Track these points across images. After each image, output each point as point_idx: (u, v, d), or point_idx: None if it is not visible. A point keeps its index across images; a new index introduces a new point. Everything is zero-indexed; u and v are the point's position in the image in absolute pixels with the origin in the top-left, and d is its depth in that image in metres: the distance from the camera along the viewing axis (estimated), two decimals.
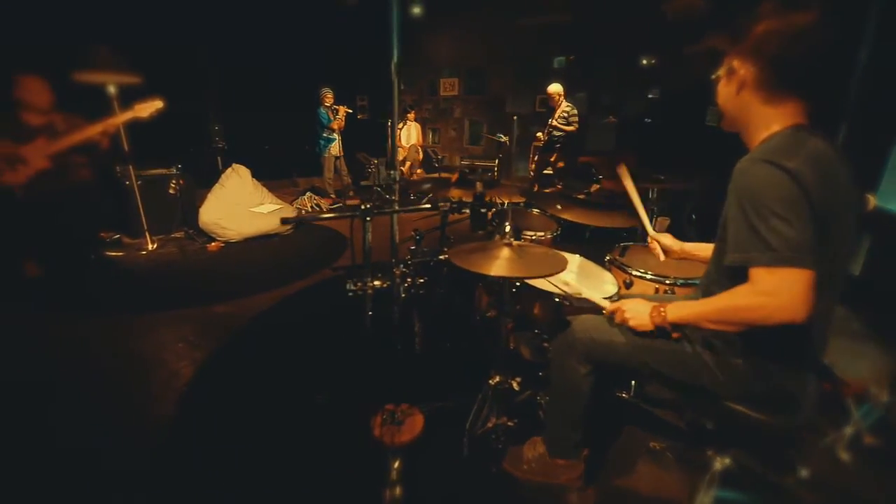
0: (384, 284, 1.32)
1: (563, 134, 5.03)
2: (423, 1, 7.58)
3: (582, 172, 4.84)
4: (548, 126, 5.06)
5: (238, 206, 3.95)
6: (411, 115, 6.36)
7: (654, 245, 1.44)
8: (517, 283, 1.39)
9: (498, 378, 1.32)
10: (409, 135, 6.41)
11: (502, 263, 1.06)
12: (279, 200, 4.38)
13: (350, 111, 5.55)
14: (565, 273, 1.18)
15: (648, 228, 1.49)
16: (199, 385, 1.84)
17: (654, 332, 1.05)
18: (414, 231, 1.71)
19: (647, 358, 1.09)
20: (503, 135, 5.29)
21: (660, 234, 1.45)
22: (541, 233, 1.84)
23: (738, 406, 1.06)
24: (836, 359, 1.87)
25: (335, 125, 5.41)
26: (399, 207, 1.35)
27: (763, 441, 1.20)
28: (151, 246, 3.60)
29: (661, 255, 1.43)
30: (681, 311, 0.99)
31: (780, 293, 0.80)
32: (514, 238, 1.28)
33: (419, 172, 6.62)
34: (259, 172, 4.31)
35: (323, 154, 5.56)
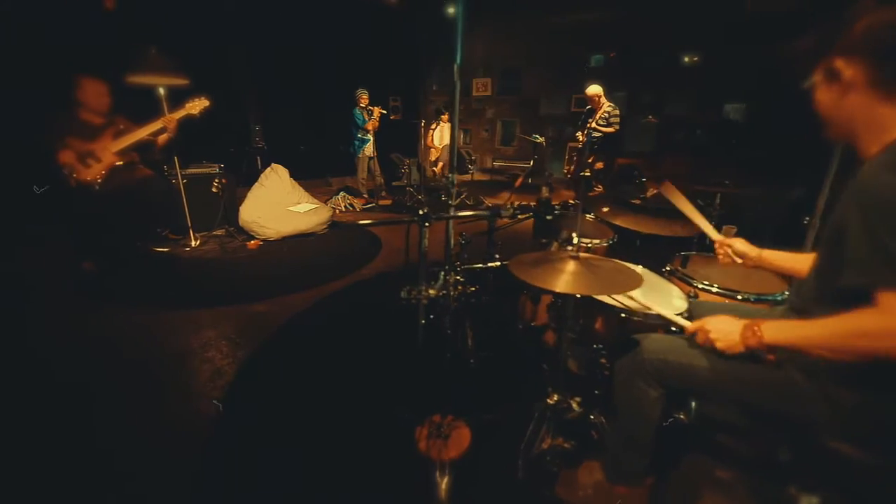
0: (439, 294, 1.26)
1: (601, 135, 4.85)
2: (457, 1, 7.54)
3: (625, 175, 4.65)
4: (587, 127, 4.89)
5: (276, 205, 4.02)
6: (445, 116, 6.32)
7: (723, 251, 1.31)
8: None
9: (556, 397, 1.23)
10: (441, 135, 6.37)
11: (569, 278, 0.98)
12: (315, 200, 4.43)
13: (384, 112, 5.57)
14: None
15: (713, 234, 1.35)
16: (242, 385, 1.85)
17: (742, 354, 0.94)
18: (461, 235, 1.65)
19: (734, 385, 0.98)
20: (539, 135, 5.14)
21: (730, 238, 1.32)
22: (596, 240, 1.74)
23: (841, 444, 0.93)
24: None
25: (370, 126, 5.44)
26: (456, 213, 1.27)
27: (864, 484, 1.06)
28: (195, 242, 3.72)
29: (735, 260, 1.30)
30: (781, 332, 0.87)
31: None
32: (568, 244, 1.19)
33: None
34: (295, 172, 4.37)
35: (357, 154, 5.61)
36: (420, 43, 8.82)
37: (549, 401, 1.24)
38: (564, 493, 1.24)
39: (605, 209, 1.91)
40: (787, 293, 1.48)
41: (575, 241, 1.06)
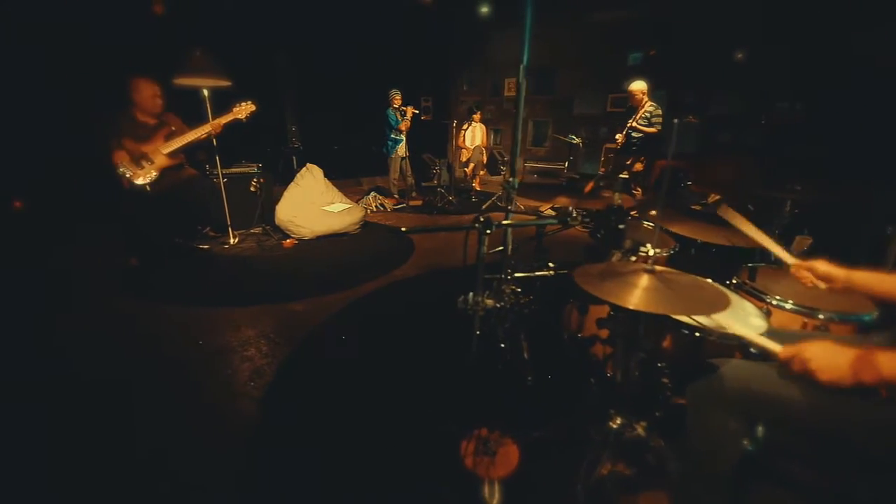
0: (498, 304, 1.19)
1: (641, 135, 4.65)
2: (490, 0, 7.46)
3: (667, 178, 4.43)
4: (627, 127, 4.69)
5: (311, 204, 4.06)
6: (477, 116, 6.23)
7: (803, 273, 1.18)
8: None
9: (619, 420, 1.14)
10: (473, 136, 6.30)
11: (644, 294, 0.89)
12: (348, 200, 4.45)
13: (417, 112, 5.55)
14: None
15: (785, 257, 1.22)
16: (282, 385, 1.84)
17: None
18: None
19: (835, 422, 0.86)
20: (575, 136, 4.98)
21: (810, 260, 1.18)
22: (657, 249, 1.62)
23: None
24: None
25: (403, 126, 5.44)
26: (520, 220, 1.20)
27: None
28: (233, 240, 3.80)
29: (819, 285, 1.16)
30: None
31: None
32: (631, 253, 1.10)
33: (482, 174, 6.48)
34: (327, 172, 4.41)
35: (390, 155, 5.62)
36: (451, 42, 8.79)
37: (611, 424, 1.15)
38: None
39: (653, 212, 1.79)
40: (874, 314, 1.33)
41: (651, 252, 0.96)
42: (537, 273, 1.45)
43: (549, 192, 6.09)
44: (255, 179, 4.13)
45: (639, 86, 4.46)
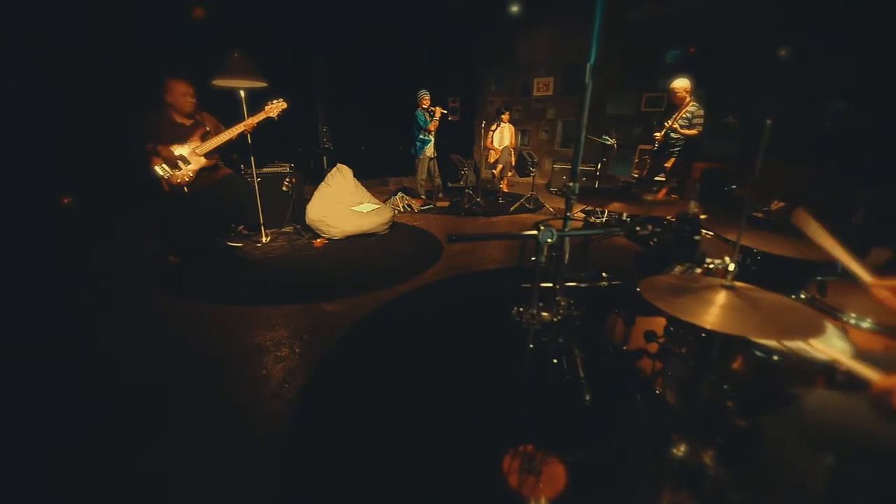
0: (555, 318, 1.13)
1: (680, 137, 4.44)
2: None
3: (709, 181, 4.23)
4: (665, 127, 4.49)
5: (341, 204, 4.08)
6: (505, 116, 6.14)
7: (884, 294, 1.05)
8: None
9: (684, 448, 1.05)
10: (502, 136, 6.20)
11: (724, 313, 0.80)
12: (377, 200, 4.45)
13: (445, 112, 5.52)
14: None
15: (863, 275, 1.10)
16: (317, 388, 1.83)
17: None
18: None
19: None
20: (609, 137, 4.82)
21: (891, 278, 1.05)
22: (717, 260, 1.51)
23: None
24: None
25: (431, 127, 5.41)
26: (585, 229, 1.14)
27: None
28: (265, 239, 3.86)
29: None
30: None
31: None
32: (697, 265, 1.01)
33: (510, 175, 6.38)
34: (354, 172, 4.42)
35: (419, 155, 5.61)
36: (479, 42, 8.71)
37: (675, 451, 1.07)
38: None
39: (703, 216, 1.67)
40: None
41: (731, 266, 0.88)
42: (589, 284, 1.37)
43: (591, 195, 5.94)
44: (287, 179, 4.19)
45: (682, 83, 4.25)
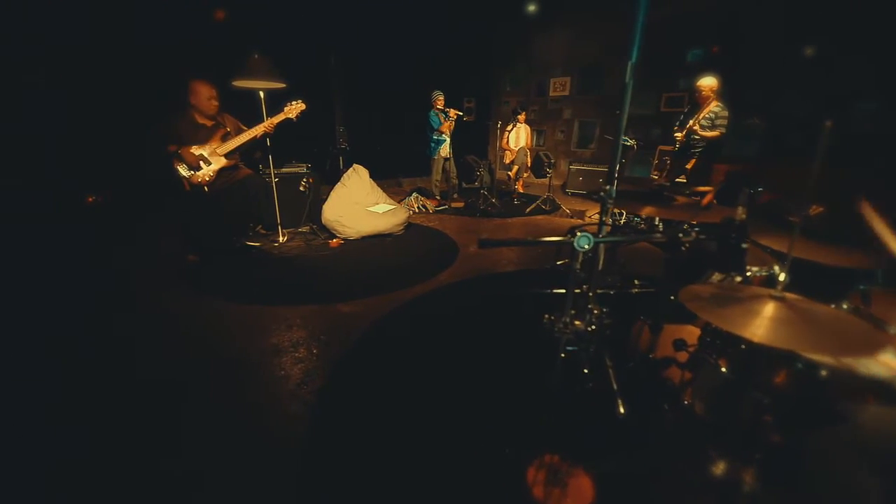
0: (589, 329, 1.09)
1: (700, 138, 4.32)
2: None
3: (733, 183, 4.11)
4: (687, 127, 4.38)
5: (357, 204, 4.09)
6: (522, 117, 6.08)
7: None
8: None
9: (723, 466, 1.00)
10: (518, 137, 6.15)
11: (773, 326, 0.75)
12: (392, 201, 4.45)
13: (460, 113, 5.49)
14: None
15: None
16: (335, 389, 1.82)
17: None
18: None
19: None
20: (630, 138, 4.73)
21: None
22: (754, 268, 1.45)
23: None
24: None
25: (445, 127, 5.39)
26: (629, 235, 1.10)
27: None
28: (282, 238, 3.89)
29: None
30: None
31: None
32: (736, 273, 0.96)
33: (526, 176, 6.32)
34: (369, 173, 4.42)
35: (433, 156, 5.59)
36: (494, 42, 8.66)
37: (713, 468, 1.02)
38: None
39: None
40: None
41: (781, 276, 0.82)
42: (622, 290, 1.32)
43: (624, 200, 5.84)
44: (304, 179, 4.22)
45: (708, 82, 4.13)
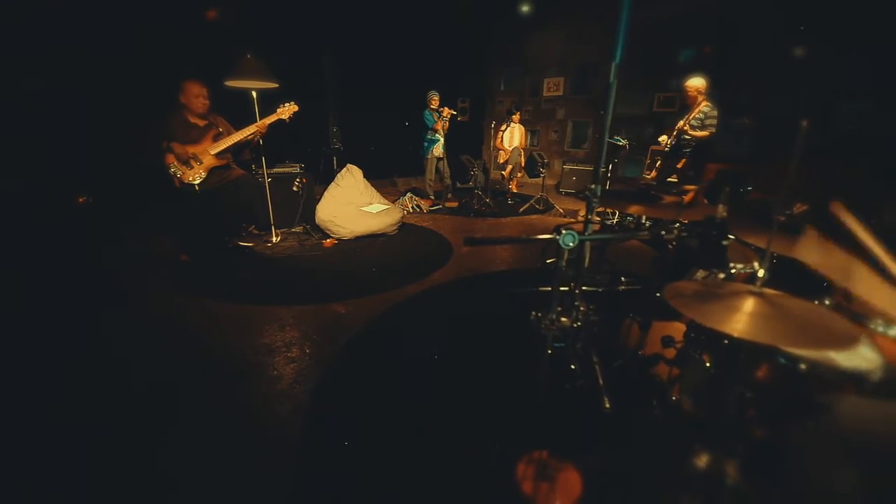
0: (575, 324, 1.11)
1: (691, 138, 4.36)
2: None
3: (723, 182, 4.15)
4: (676, 129, 4.42)
5: (351, 205, 4.09)
6: (516, 117, 6.10)
7: None
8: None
9: (706, 459, 1.02)
10: (511, 137, 6.17)
11: (753, 321, 0.77)
12: (386, 201, 4.45)
13: (454, 113, 5.51)
14: None
15: None
16: (328, 389, 1.83)
17: None
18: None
19: None
20: (621, 138, 4.77)
21: None
22: (739, 265, 1.47)
23: None
24: None
25: (438, 126, 5.41)
26: (607, 233, 1.11)
27: None
28: (275, 239, 3.88)
29: None
30: None
31: None
32: (721, 272, 0.98)
33: (520, 176, 6.34)
34: (363, 173, 4.42)
35: (426, 156, 5.60)
36: (489, 43, 8.69)
37: (697, 461, 1.04)
38: None
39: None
40: None
41: (760, 272, 0.85)
42: (610, 288, 1.34)
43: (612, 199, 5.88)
44: (297, 179, 4.21)
45: (695, 82, 4.17)
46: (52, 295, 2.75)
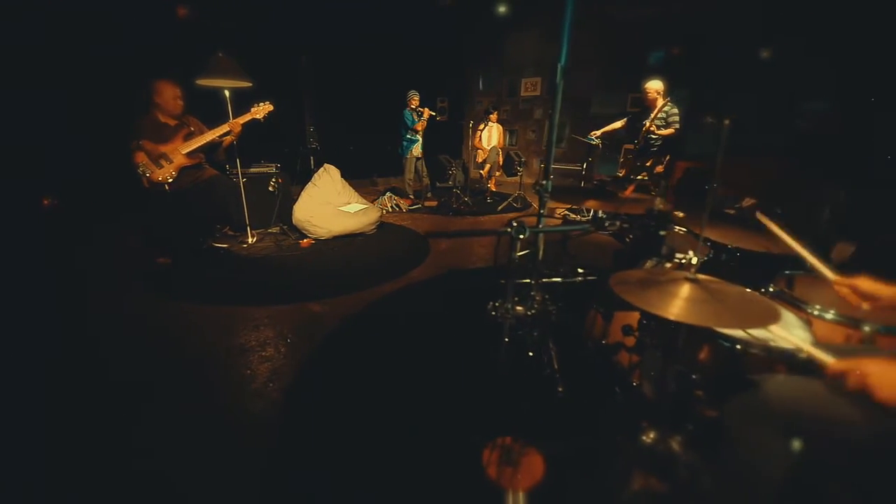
0: (529, 312, 1.16)
1: (657, 137, 4.52)
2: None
3: (691, 181, 4.32)
4: (643, 130, 4.56)
5: (328, 204, 4.08)
6: (493, 116, 6.18)
7: (845, 291, 1.11)
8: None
9: (653, 435, 1.09)
10: (490, 136, 6.25)
11: (688, 305, 0.84)
12: (364, 200, 4.46)
13: (433, 113, 5.54)
14: None
15: (827, 274, 1.15)
16: (302, 387, 1.84)
17: None
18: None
19: (893, 444, 0.81)
20: (595, 137, 4.89)
21: (852, 277, 1.11)
22: (688, 254, 1.56)
23: None
24: None
25: (418, 126, 5.44)
26: (554, 225, 1.17)
27: None
28: (251, 239, 3.84)
29: (862, 305, 1.09)
30: None
31: None
32: (667, 260, 1.05)
33: (498, 175, 6.43)
34: (342, 172, 4.42)
35: (405, 155, 5.62)
36: (467, 43, 8.75)
37: (644, 438, 1.11)
38: None
39: (681, 214, 1.73)
40: None
41: (693, 260, 0.92)
42: (566, 279, 1.40)
43: (567, 194, 6.01)
44: (273, 179, 4.17)
45: (654, 84, 4.32)
46: (22, 296, 2.66)
